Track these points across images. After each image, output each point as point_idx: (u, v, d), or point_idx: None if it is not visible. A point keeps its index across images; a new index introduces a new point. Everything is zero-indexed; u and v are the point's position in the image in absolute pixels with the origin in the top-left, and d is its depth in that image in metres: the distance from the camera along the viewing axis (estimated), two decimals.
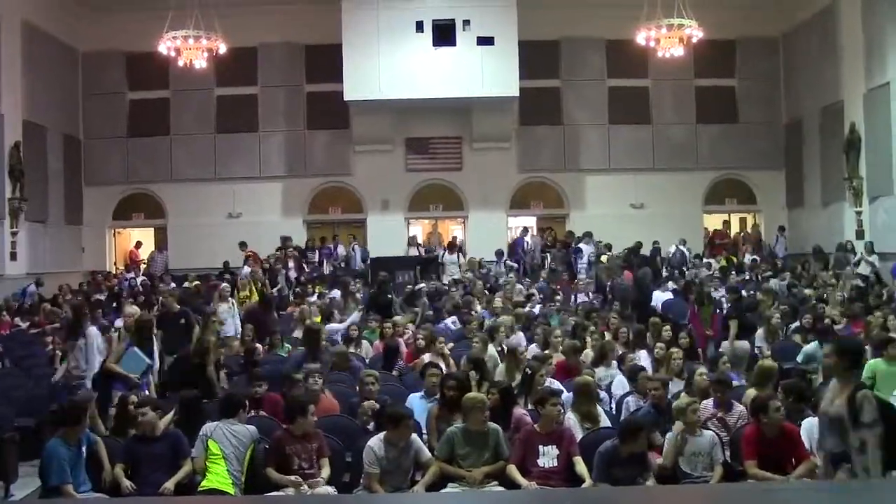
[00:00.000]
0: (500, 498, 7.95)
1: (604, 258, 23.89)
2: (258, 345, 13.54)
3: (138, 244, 29.04)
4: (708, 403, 9.43)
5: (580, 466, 8.33)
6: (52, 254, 25.84)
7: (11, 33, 23.83)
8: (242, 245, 24.57)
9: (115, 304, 20.49)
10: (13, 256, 23.75)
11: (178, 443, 8.51)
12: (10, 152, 23.57)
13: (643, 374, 10.68)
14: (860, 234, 23.90)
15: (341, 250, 27.40)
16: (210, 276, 23.67)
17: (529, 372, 10.58)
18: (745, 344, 14.39)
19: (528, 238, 27.12)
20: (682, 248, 26.09)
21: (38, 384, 13.52)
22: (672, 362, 11.46)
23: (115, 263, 29.05)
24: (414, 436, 8.54)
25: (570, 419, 9.27)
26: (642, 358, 12.51)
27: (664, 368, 11.50)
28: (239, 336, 14.97)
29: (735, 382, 10.69)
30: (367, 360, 13.35)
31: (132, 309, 15.21)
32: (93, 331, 12.71)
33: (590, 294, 21.34)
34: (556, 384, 10.64)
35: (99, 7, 27.56)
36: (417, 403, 9.87)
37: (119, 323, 15.51)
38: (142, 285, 24.03)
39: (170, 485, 8.11)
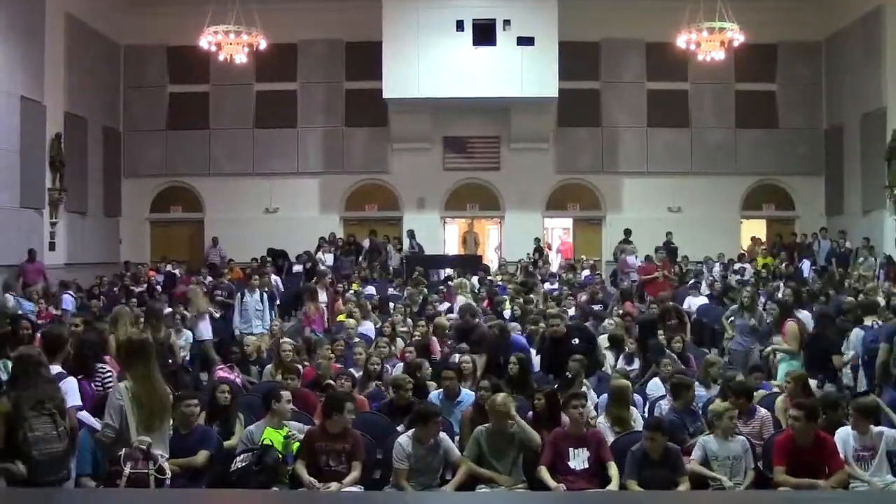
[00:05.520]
0: (530, 499, 7.97)
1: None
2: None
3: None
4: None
5: (612, 470, 8.34)
6: (90, 245, 26.07)
7: (55, 27, 24.08)
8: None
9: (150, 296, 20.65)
10: (52, 246, 24.01)
11: (206, 437, 8.53)
12: (51, 143, 23.81)
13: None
14: None
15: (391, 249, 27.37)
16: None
17: (570, 375, 10.62)
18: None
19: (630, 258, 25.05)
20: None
21: None
22: (710, 368, 11.35)
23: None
24: (443, 434, 8.57)
25: (602, 423, 9.27)
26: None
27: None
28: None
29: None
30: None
31: None
32: None
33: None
34: (588, 385, 10.63)
35: (141, 1, 27.76)
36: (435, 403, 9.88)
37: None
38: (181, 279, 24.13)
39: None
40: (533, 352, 12.67)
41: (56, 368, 8.02)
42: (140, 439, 6.81)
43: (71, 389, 7.95)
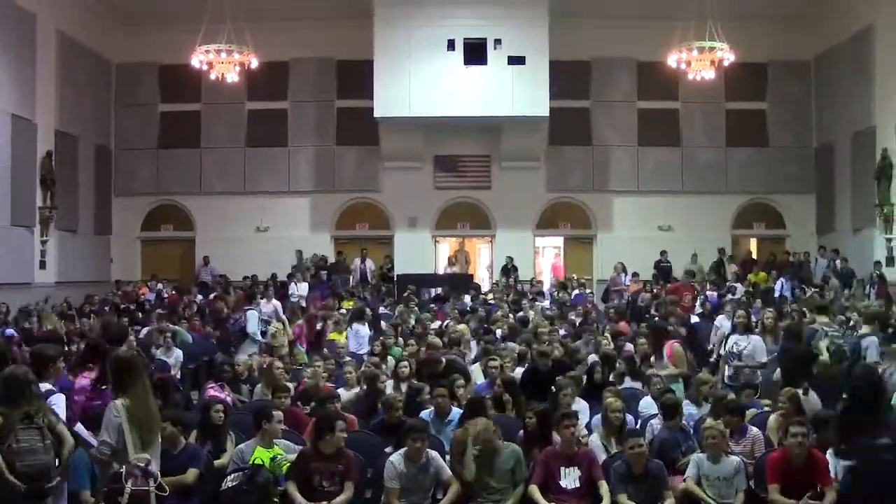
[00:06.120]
0: None
1: None
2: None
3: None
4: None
5: (603, 489, 8.33)
6: (81, 263, 25.98)
7: (47, 44, 24.09)
8: None
9: (140, 315, 20.63)
10: (42, 265, 23.92)
11: (195, 456, 8.49)
12: (41, 161, 23.78)
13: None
14: (890, 262, 23.72)
15: (369, 264, 27.32)
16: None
17: (555, 389, 10.62)
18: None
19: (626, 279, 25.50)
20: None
21: None
22: (701, 387, 11.30)
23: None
24: (434, 453, 8.54)
25: (594, 442, 9.25)
26: None
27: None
28: None
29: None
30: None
31: None
32: None
33: None
34: (583, 404, 10.60)
35: (133, 20, 27.80)
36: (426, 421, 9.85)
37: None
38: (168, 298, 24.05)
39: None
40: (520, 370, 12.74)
41: (45, 385, 8.03)
42: (139, 457, 6.81)
43: (58, 405, 7.97)
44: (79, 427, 8.12)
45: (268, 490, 8.17)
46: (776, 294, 23.42)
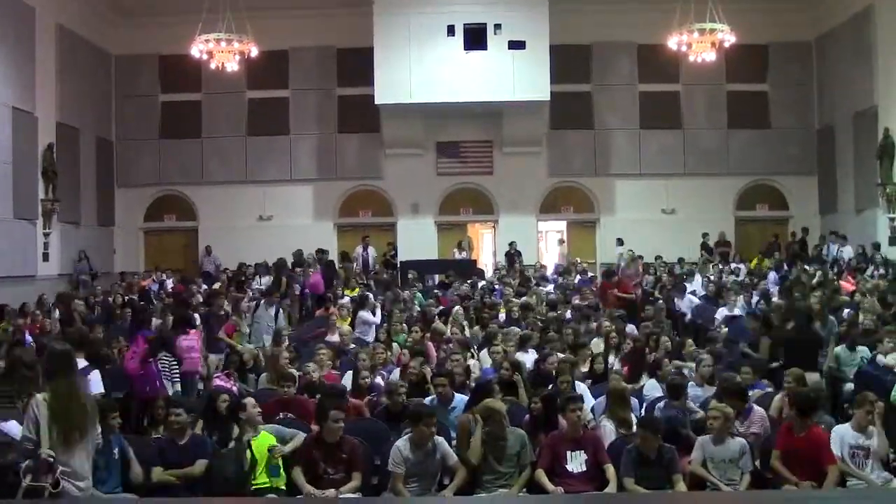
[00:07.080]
0: (528, 503, 7.98)
1: None
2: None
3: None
4: None
5: (610, 472, 8.34)
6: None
7: (47, 38, 24.07)
8: None
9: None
10: (45, 257, 23.94)
11: (200, 445, 8.52)
12: (43, 154, 23.77)
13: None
14: (893, 241, 23.69)
15: (371, 251, 27.27)
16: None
17: (555, 374, 10.66)
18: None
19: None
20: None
21: None
22: (702, 368, 11.31)
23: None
24: (440, 439, 8.53)
25: (606, 426, 9.24)
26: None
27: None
28: None
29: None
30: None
31: None
32: None
33: None
34: (584, 388, 10.61)
35: (132, 11, 27.78)
36: None
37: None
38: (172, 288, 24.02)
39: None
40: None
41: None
42: (46, 451, 6.67)
43: (93, 380, 7.97)
44: (5, 425, 7.91)
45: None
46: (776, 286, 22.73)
